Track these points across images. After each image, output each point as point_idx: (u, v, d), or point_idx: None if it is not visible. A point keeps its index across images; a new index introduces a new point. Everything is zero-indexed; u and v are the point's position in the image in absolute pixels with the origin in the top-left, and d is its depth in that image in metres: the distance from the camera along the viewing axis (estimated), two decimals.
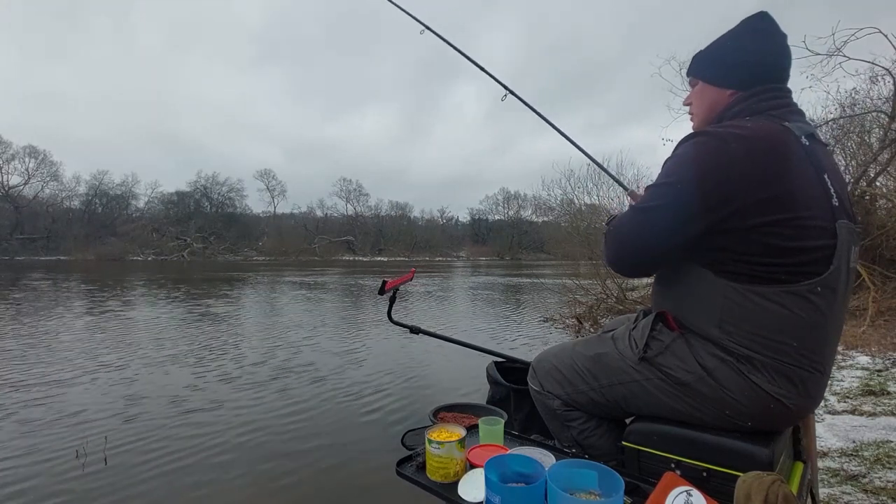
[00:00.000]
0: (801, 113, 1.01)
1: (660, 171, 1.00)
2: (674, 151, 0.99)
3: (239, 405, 3.72)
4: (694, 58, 1.12)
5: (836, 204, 0.93)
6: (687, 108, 1.17)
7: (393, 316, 1.76)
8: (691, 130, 1.14)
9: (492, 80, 2.23)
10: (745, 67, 1.02)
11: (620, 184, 2.55)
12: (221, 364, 4.99)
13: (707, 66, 1.09)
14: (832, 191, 0.93)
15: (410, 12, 2.33)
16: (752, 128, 0.92)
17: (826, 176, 0.94)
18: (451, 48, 2.22)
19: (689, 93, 1.16)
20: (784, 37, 1.02)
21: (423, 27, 2.30)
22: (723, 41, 1.06)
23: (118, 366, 4.84)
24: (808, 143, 0.93)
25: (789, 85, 1.05)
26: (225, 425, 3.31)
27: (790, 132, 0.93)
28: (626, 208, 1.08)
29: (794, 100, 1.04)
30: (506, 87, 2.17)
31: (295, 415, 3.54)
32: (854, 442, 2.55)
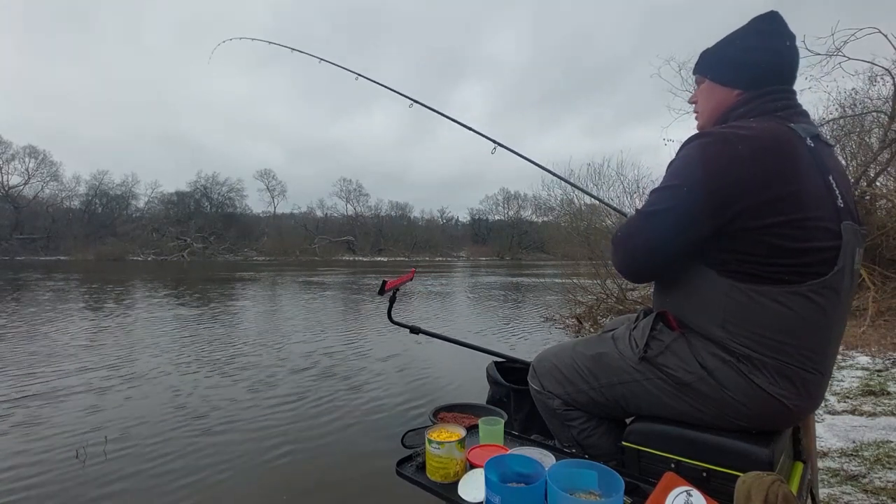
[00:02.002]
0: (806, 114, 1.00)
1: (665, 172, 1.00)
2: (678, 153, 0.98)
3: (237, 404, 3.72)
4: (701, 55, 1.11)
5: (842, 205, 0.92)
6: (692, 107, 1.16)
7: (393, 316, 1.76)
8: (696, 129, 1.13)
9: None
10: (752, 68, 1.01)
11: (622, 213, 2.62)
12: (220, 363, 4.99)
13: (714, 65, 1.08)
14: (837, 192, 0.93)
15: (397, 89, 2.52)
16: (756, 128, 0.92)
17: (831, 177, 0.93)
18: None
19: (694, 90, 1.15)
20: (793, 37, 1.01)
21: (411, 101, 2.49)
22: (731, 39, 1.05)
23: (117, 364, 4.85)
24: (812, 145, 0.93)
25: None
26: (222, 424, 3.31)
27: (795, 133, 0.93)
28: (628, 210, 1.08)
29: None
30: (494, 141, 2.28)
31: (294, 414, 3.54)
32: (854, 442, 2.55)
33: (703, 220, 0.91)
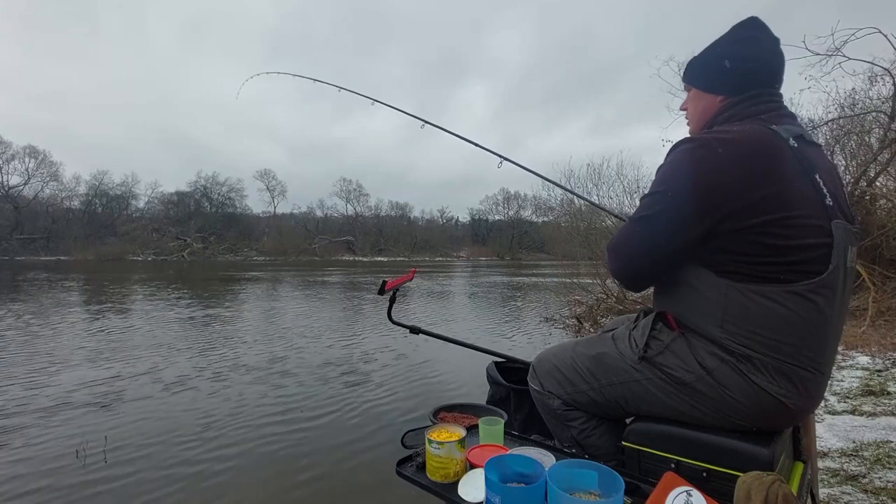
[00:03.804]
0: (791, 116, 1.02)
1: (654, 177, 1.02)
2: (665, 158, 1.01)
3: (237, 404, 3.72)
4: (688, 65, 1.15)
5: (830, 203, 0.93)
6: (684, 113, 1.20)
7: (393, 316, 1.76)
8: (687, 134, 1.16)
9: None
10: (733, 74, 1.04)
11: (619, 216, 2.66)
12: (220, 363, 4.99)
13: (699, 74, 1.12)
14: (825, 191, 0.94)
15: (412, 112, 2.57)
16: (738, 131, 0.94)
17: (817, 176, 0.94)
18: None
19: (685, 98, 1.19)
20: (775, 41, 1.04)
21: (422, 122, 2.55)
22: (713, 48, 1.09)
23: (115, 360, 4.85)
24: (796, 145, 0.94)
25: (788, 86, 1.06)
26: (223, 424, 3.31)
27: (777, 135, 0.94)
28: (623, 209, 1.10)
29: (794, 100, 1.06)
30: (500, 156, 2.33)
31: (294, 415, 3.54)
32: (854, 442, 2.55)
33: (691, 223, 0.92)
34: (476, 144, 2.42)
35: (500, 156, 2.31)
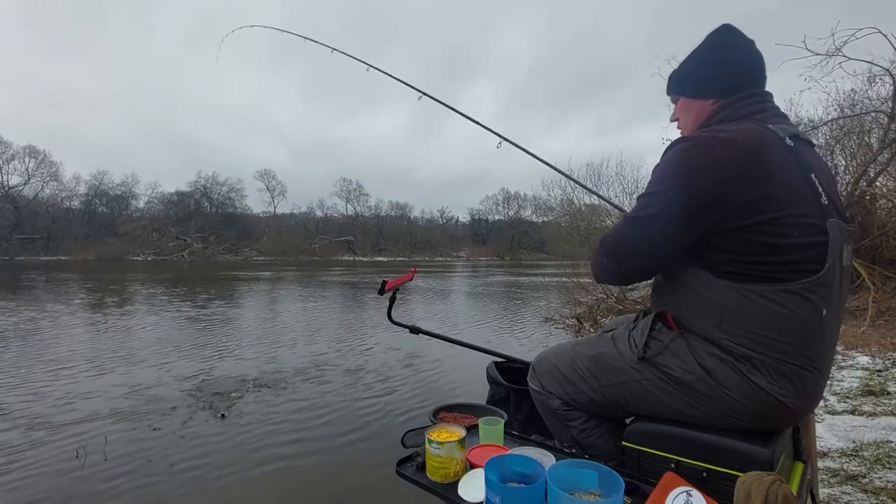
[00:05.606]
0: (783, 115, 1.04)
1: (651, 176, 1.02)
2: (662, 157, 1.00)
3: (237, 404, 3.72)
4: (670, 78, 1.16)
5: (826, 202, 0.94)
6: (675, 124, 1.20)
7: (393, 316, 1.76)
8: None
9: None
10: (720, 76, 1.05)
11: (619, 208, 2.64)
12: (220, 363, 4.99)
13: (685, 83, 1.13)
14: (820, 189, 0.94)
15: (408, 81, 2.48)
16: (735, 131, 0.94)
17: (813, 175, 0.95)
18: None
19: (673, 110, 1.19)
20: (751, 42, 1.06)
21: (420, 94, 2.44)
22: (693, 57, 1.10)
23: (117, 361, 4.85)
24: (792, 144, 0.95)
25: (788, 86, 1.07)
26: (223, 423, 3.31)
27: (774, 134, 0.95)
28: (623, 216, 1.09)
29: (794, 100, 1.08)
30: (499, 136, 2.24)
31: (294, 415, 3.54)
32: (854, 442, 2.55)
33: (688, 224, 0.92)
34: (475, 121, 2.34)
35: (498, 135, 2.23)
